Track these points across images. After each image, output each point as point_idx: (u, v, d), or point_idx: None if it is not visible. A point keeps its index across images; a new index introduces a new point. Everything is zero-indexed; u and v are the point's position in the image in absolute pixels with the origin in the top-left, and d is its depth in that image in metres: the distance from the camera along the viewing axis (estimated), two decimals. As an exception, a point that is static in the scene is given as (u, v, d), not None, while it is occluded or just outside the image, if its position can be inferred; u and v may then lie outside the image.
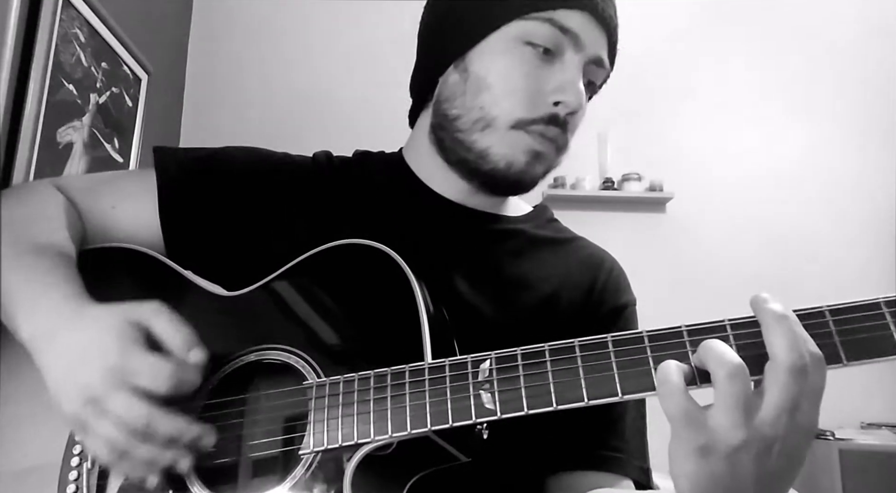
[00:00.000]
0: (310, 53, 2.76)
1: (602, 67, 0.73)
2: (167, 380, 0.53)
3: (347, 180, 0.80)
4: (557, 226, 0.84)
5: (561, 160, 0.76)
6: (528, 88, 0.69)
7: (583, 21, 0.69)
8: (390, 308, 0.60)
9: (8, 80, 1.50)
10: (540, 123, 0.70)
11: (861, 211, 2.76)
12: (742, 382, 0.43)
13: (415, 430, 0.52)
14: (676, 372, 0.45)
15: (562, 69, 0.69)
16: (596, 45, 0.71)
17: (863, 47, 2.87)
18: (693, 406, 0.44)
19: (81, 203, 0.76)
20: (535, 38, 0.69)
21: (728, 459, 0.43)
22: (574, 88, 0.69)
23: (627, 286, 0.79)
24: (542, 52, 0.69)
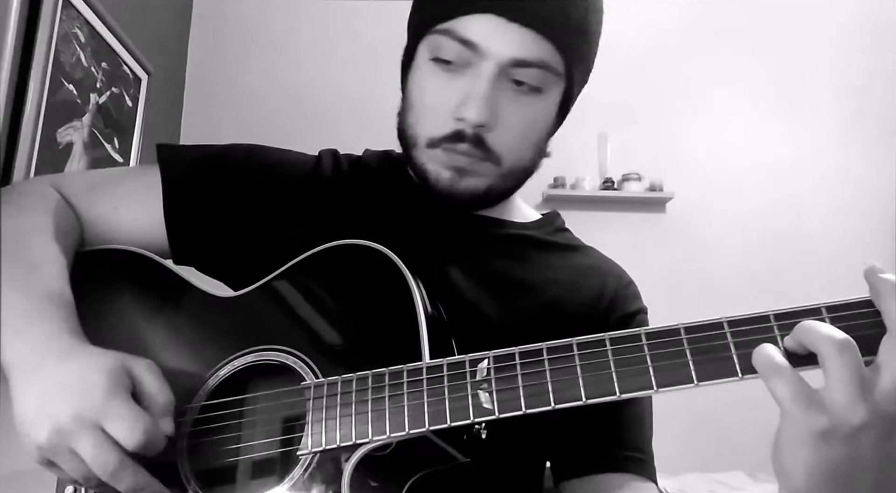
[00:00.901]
0: (310, 53, 2.76)
1: (536, 68, 0.65)
2: (140, 435, 0.51)
3: (352, 182, 0.79)
4: (567, 235, 0.83)
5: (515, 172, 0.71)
6: (434, 106, 0.68)
7: (488, 24, 0.63)
8: (388, 309, 0.60)
9: (8, 80, 1.50)
10: (447, 141, 0.67)
11: (861, 211, 2.76)
12: (854, 355, 0.40)
13: (413, 430, 0.52)
14: (779, 353, 0.43)
15: (465, 82, 0.65)
16: (511, 46, 0.64)
17: (863, 47, 2.87)
18: (808, 387, 0.41)
19: (80, 205, 0.75)
20: (440, 52, 0.66)
21: (848, 442, 0.41)
22: (475, 101, 0.64)
23: (638, 295, 0.78)
24: (452, 65, 0.66)
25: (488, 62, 0.64)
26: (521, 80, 0.66)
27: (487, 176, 0.69)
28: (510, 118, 0.67)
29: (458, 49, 0.65)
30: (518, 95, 0.66)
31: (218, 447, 0.60)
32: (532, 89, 0.66)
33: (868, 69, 2.85)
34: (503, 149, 0.68)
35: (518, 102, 0.67)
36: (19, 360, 0.56)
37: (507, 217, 0.79)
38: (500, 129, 0.67)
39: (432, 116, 0.68)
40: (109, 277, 0.71)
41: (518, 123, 0.67)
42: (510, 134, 0.67)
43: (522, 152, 0.70)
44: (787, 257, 2.69)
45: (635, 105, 2.79)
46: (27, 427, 0.53)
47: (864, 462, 0.41)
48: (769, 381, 0.43)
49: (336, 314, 0.62)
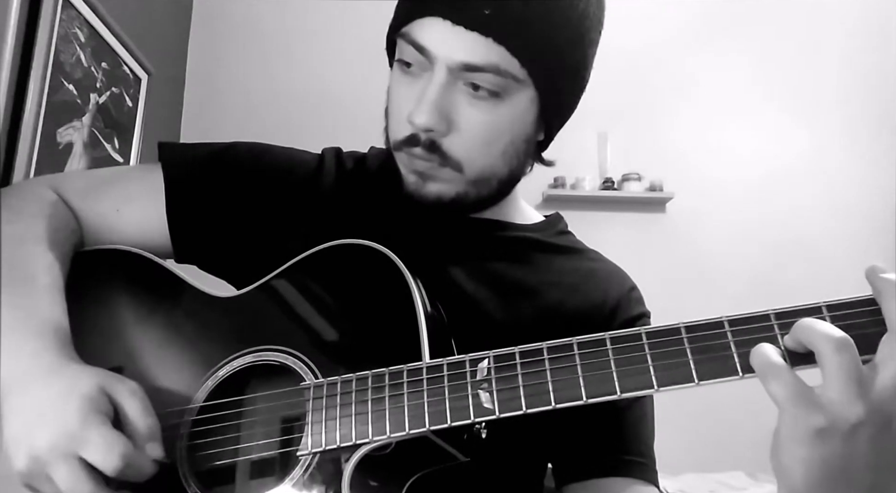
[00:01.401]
0: (310, 53, 2.76)
1: (490, 73, 0.62)
2: (116, 459, 0.51)
3: (354, 181, 0.79)
4: (570, 238, 0.82)
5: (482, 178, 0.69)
6: (395, 109, 0.68)
7: (436, 29, 0.62)
8: (388, 308, 0.60)
9: (8, 80, 1.51)
10: (405, 145, 0.66)
11: (861, 211, 2.76)
12: (851, 354, 0.41)
13: (413, 430, 0.52)
14: (776, 352, 0.43)
15: (421, 85, 0.64)
16: (458, 50, 0.61)
17: (863, 47, 2.87)
18: (804, 386, 0.42)
19: (80, 206, 0.74)
20: (403, 55, 0.66)
21: (846, 439, 0.41)
22: (423, 105, 0.63)
23: (641, 300, 0.77)
24: (411, 68, 0.65)
25: (439, 66, 0.63)
26: (478, 85, 0.63)
27: (452, 182, 0.68)
28: (467, 123, 0.64)
29: (414, 53, 0.64)
30: (476, 99, 0.64)
31: (217, 447, 0.60)
32: (491, 94, 0.64)
33: (871, 70, 2.85)
34: (462, 155, 0.66)
35: (476, 107, 0.64)
36: (9, 381, 0.56)
37: (509, 219, 0.78)
38: (456, 134, 0.65)
39: (395, 119, 0.68)
40: (108, 277, 0.71)
41: (477, 128, 0.65)
42: (468, 139, 0.65)
43: (488, 159, 0.67)
44: (787, 257, 2.69)
45: (635, 105, 2.79)
46: (11, 451, 0.53)
47: (862, 460, 0.41)
48: (765, 380, 0.43)
49: (335, 314, 0.62)
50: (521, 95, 0.65)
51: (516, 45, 0.62)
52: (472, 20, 0.61)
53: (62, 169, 1.73)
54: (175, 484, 0.58)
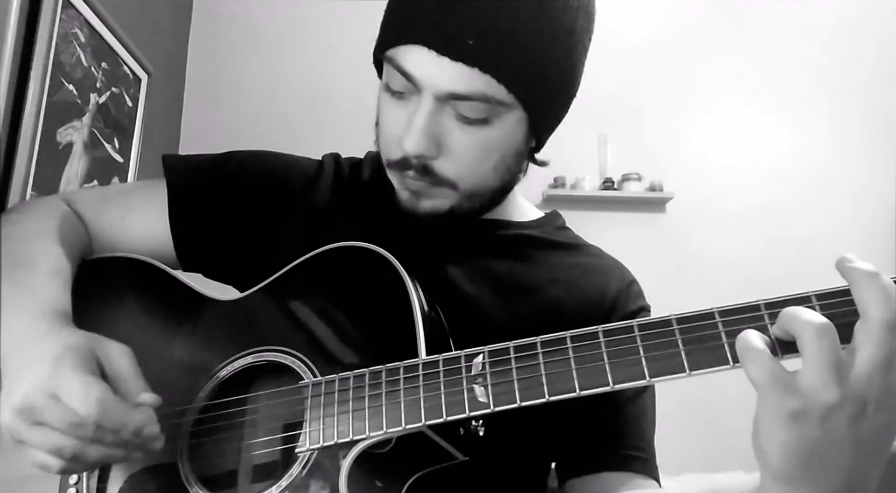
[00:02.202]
0: (310, 53, 2.76)
1: (477, 101, 0.62)
2: (93, 405, 0.51)
3: (352, 185, 0.80)
4: (568, 234, 0.82)
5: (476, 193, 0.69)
6: (386, 133, 0.68)
7: (421, 57, 0.61)
8: (385, 308, 0.60)
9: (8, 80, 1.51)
10: (396, 167, 0.67)
11: (861, 210, 2.76)
12: (830, 339, 0.41)
13: (409, 424, 0.52)
14: (758, 338, 0.43)
15: (409, 111, 0.64)
16: (444, 80, 0.61)
17: (864, 48, 2.87)
18: (781, 370, 0.42)
19: (89, 215, 0.77)
20: (389, 80, 0.65)
21: (821, 423, 0.41)
22: (412, 133, 0.63)
23: (641, 294, 0.78)
24: (398, 91, 0.65)
25: (426, 94, 0.62)
26: (464, 114, 0.63)
27: (447, 198, 0.68)
28: (458, 147, 0.65)
29: (401, 79, 0.63)
30: (464, 124, 0.64)
31: (218, 446, 0.61)
32: (479, 120, 0.64)
33: (869, 70, 2.85)
34: (455, 175, 0.66)
35: (465, 132, 0.64)
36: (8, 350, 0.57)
37: (507, 217, 0.79)
38: (447, 157, 0.65)
39: (386, 140, 0.68)
40: (113, 283, 0.73)
41: (468, 151, 0.65)
42: (460, 161, 0.66)
43: (482, 175, 0.68)
44: (786, 257, 2.69)
45: (635, 105, 2.79)
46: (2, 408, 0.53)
47: (838, 443, 0.42)
48: (745, 364, 0.43)
49: (334, 315, 0.63)
50: (510, 116, 0.65)
51: (502, 73, 0.61)
52: (456, 50, 0.60)
53: (62, 169, 1.74)
54: (177, 484, 0.59)
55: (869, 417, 0.42)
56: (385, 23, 0.66)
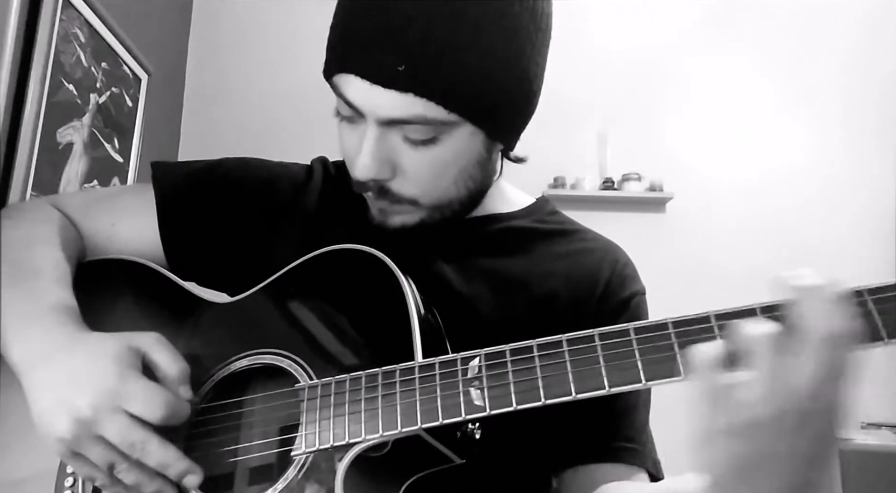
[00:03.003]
0: (310, 53, 2.74)
1: (419, 124, 0.61)
2: (161, 408, 0.53)
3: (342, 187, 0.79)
4: (559, 218, 0.81)
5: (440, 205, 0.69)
6: (344, 154, 0.69)
7: (357, 85, 0.61)
8: (381, 310, 0.60)
9: (8, 80, 1.51)
10: (358, 188, 0.67)
11: (861, 211, 2.76)
12: (771, 355, 0.42)
13: (405, 428, 0.52)
14: (707, 351, 0.44)
15: (357, 137, 0.64)
16: (381, 107, 0.60)
17: (868, 49, 2.86)
18: (722, 382, 0.43)
19: (80, 221, 0.76)
20: (338, 106, 0.66)
21: (760, 436, 0.42)
22: (361, 159, 0.62)
23: (635, 276, 0.77)
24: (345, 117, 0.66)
25: (370, 120, 0.62)
26: (409, 136, 0.62)
27: (413, 213, 0.68)
28: (410, 166, 0.64)
29: (343, 105, 0.64)
30: (413, 145, 0.63)
31: (214, 449, 0.61)
32: (426, 141, 0.63)
33: (873, 71, 2.85)
34: (414, 193, 0.66)
35: (416, 151, 0.63)
36: (27, 358, 0.57)
37: (494, 211, 0.78)
38: (402, 177, 0.65)
39: (348, 162, 0.68)
40: (108, 286, 0.73)
41: (421, 170, 0.64)
42: (415, 180, 0.65)
43: (443, 189, 0.67)
44: (787, 257, 2.69)
45: (635, 105, 2.79)
46: (47, 422, 0.54)
47: (775, 455, 0.43)
48: (690, 375, 0.45)
49: (330, 317, 0.63)
50: (459, 131, 0.63)
51: (438, 95, 0.60)
52: (386, 78, 0.59)
53: (62, 169, 1.74)
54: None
55: (807, 430, 0.42)
56: (327, 49, 0.66)
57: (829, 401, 0.42)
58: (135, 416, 0.53)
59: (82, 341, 0.58)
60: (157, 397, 0.54)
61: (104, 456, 0.53)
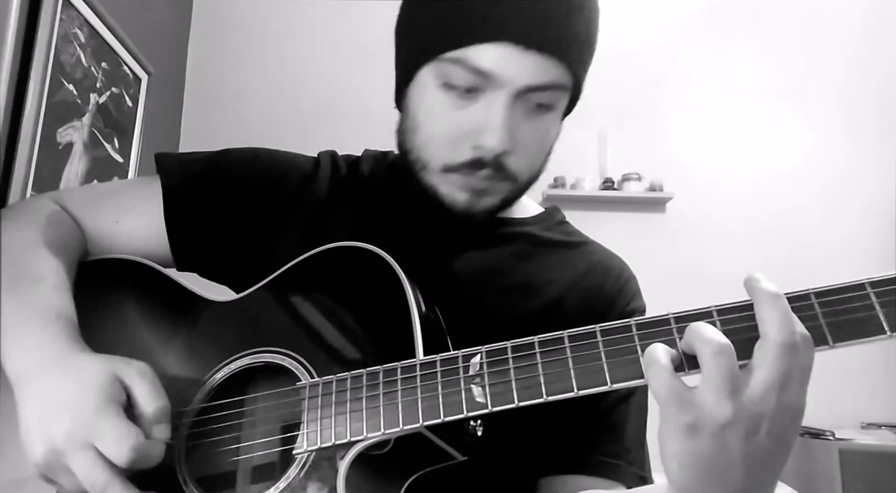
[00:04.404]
0: (310, 53, 2.76)
1: (550, 90, 0.65)
2: (128, 452, 0.51)
3: (349, 182, 0.79)
4: (567, 229, 0.82)
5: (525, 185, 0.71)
6: (447, 134, 0.66)
7: (502, 53, 0.62)
8: (382, 309, 0.60)
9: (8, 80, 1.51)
10: (464, 168, 0.66)
11: (861, 211, 2.76)
12: (728, 358, 0.43)
13: (407, 425, 0.52)
14: (663, 353, 0.45)
15: (482, 110, 0.64)
16: (526, 73, 0.63)
17: (867, 49, 2.87)
18: (680, 385, 0.44)
19: (83, 218, 0.76)
20: (451, 79, 0.64)
21: (715, 437, 0.43)
22: (493, 130, 0.63)
23: (637, 292, 0.77)
24: (464, 91, 0.64)
25: (504, 90, 0.63)
26: (538, 102, 0.66)
27: (502, 193, 0.70)
28: (526, 139, 0.66)
29: (471, 78, 0.63)
30: (531, 114, 0.66)
31: (215, 448, 0.61)
32: (544, 108, 0.67)
33: (873, 72, 2.85)
34: (521, 168, 0.68)
35: (531, 122, 0.66)
36: (22, 371, 0.57)
37: (509, 214, 0.78)
38: (517, 150, 0.66)
39: (447, 143, 0.66)
40: (110, 285, 0.72)
41: (533, 141, 0.68)
42: (527, 153, 0.68)
43: (538, 165, 0.71)
44: (787, 257, 2.69)
45: (635, 105, 2.79)
46: (28, 443, 0.54)
47: (732, 456, 0.44)
48: (648, 379, 0.45)
49: (331, 315, 0.63)
50: (561, 102, 0.69)
51: (573, 59, 0.65)
52: (543, 43, 0.62)
53: (62, 169, 1.74)
54: (174, 485, 0.59)
55: (762, 433, 0.43)
56: (445, 25, 0.65)
57: (782, 405, 0.43)
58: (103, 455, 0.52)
59: (72, 360, 0.56)
60: (127, 439, 0.52)
61: (72, 486, 0.53)
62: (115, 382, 0.55)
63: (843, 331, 0.45)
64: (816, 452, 2.29)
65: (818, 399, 2.74)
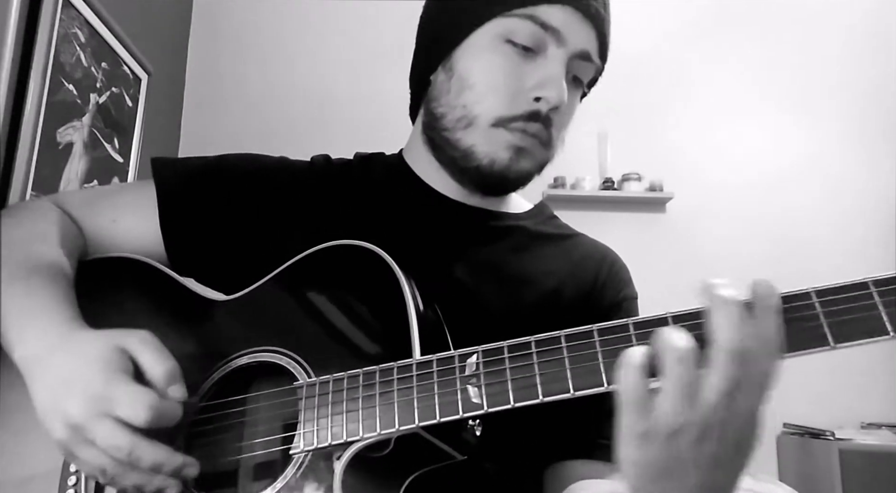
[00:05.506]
0: (310, 53, 2.76)
1: (590, 61, 0.72)
2: (146, 411, 0.53)
3: (345, 183, 0.80)
4: (557, 222, 0.84)
5: (551, 157, 0.75)
6: (508, 86, 0.69)
7: (566, 15, 0.68)
8: (380, 307, 0.60)
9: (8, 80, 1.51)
10: (520, 120, 0.69)
11: (861, 210, 2.76)
12: (687, 367, 0.43)
13: (403, 426, 0.52)
14: (639, 356, 0.45)
15: (543, 65, 0.69)
16: (581, 39, 0.69)
17: (867, 50, 2.86)
18: (639, 391, 0.44)
19: (81, 219, 0.76)
20: (515, 35, 0.69)
21: (667, 443, 0.44)
22: (555, 83, 0.68)
23: (628, 280, 0.79)
24: (523, 49, 0.69)
25: (563, 51, 0.69)
26: (575, 73, 0.72)
27: (537, 160, 0.73)
28: (565, 106, 0.71)
29: (539, 35, 0.68)
30: (569, 85, 0.71)
31: (213, 447, 0.61)
32: (577, 82, 0.73)
33: (873, 72, 2.85)
34: (558, 133, 0.73)
35: (569, 91, 0.71)
36: (26, 358, 0.58)
37: (502, 209, 0.80)
38: (560, 114, 0.72)
39: (508, 95, 0.69)
40: (110, 284, 0.73)
41: (569, 110, 0.74)
42: (564, 120, 0.73)
43: (560, 140, 0.75)
44: (787, 257, 2.69)
45: (635, 105, 2.79)
46: (46, 425, 0.55)
47: (684, 462, 0.44)
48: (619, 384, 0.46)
49: (328, 314, 0.63)
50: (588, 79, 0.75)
51: (605, 34, 0.73)
52: (592, 14, 0.70)
53: (62, 169, 1.74)
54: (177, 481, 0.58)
55: (713, 440, 0.44)
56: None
57: (735, 412, 0.43)
58: (122, 420, 0.53)
59: (73, 340, 0.58)
60: (142, 400, 0.53)
61: (97, 460, 0.54)
62: (119, 352, 0.56)
63: (845, 331, 0.44)
64: (816, 452, 2.29)
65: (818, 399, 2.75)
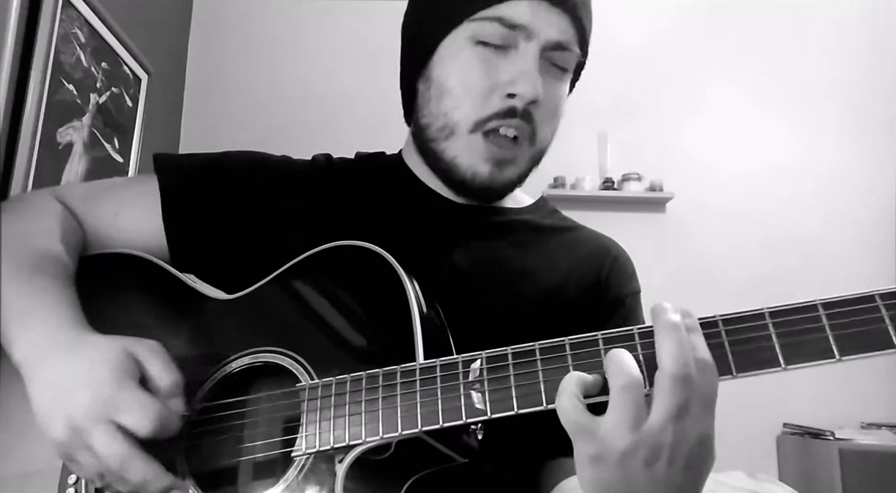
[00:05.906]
0: (310, 53, 2.76)
1: (567, 50, 0.71)
2: (152, 421, 0.53)
3: (346, 182, 0.80)
4: (560, 216, 0.84)
5: (542, 150, 0.74)
6: (481, 86, 0.69)
7: (532, 8, 0.68)
8: (383, 309, 0.60)
9: (8, 80, 1.51)
10: (496, 119, 0.69)
11: (860, 210, 2.76)
12: (634, 393, 0.44)
13: (406, 431, 0.52)
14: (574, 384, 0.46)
15: (515, 60, 0.69)
16: (552, 29, 0.69)
17: (864, 47, 2.86)
18: (584, 418, 0.45)
19: (82, 213, 0.76)
20: (484, 37, 0.69)
21: (618, 466, 0.45)
22: (527, 77, 0.67)
23: (632, 274, 0.79)
24: (495, 48, 0.69)
25: (533, 44, 0.68)
26: (554, 62, 0.71)
27: (521, 164, 0.73)
28: (547, 97, 0.70)
29: (505, 33, 0.68)
30: (548, 75, 0.71)
31: (215, 448, 0.60)
32: (559, 70, 0.72)
33: (869, 70, 2.85)
34: (541, 127, 0.72)
35: (549, 83, 0.70)
36: (28, 357, 0.57)
37: (504, 204, 0.80)
38: (542, 106, 0.70)
39: (480, 96, 0.69)
40: (111, 281, 0.72)
41: (550, 102, 0.71)
42: (547, 112, 0.72)
43: (550, 132, 0.74)
44: (786, 256, 2.69)
45: (635, 104, 2.78)
46: (45, 425, 0.55)
47: (636, 483, 0.45)
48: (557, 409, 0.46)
49: (331, 316, 0.62)
50: (572, 65, 0.74)
51: (583, 21, 0.71)
52: (566, 2, 0.69)
53: (62, 169, 1.74)
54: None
55: (662, 460, 0.45)
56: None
57: (683, 434, 0.44)
58: (124, 427, 0.53)
59: (82, 342, 0.57)
60: (149, 409, 0.53)
61: (93, 465, 0.53)
62: (128, 358, 0.56)
63: (850, 344, 0.44)
64: (816, 452, 2.29)
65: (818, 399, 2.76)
